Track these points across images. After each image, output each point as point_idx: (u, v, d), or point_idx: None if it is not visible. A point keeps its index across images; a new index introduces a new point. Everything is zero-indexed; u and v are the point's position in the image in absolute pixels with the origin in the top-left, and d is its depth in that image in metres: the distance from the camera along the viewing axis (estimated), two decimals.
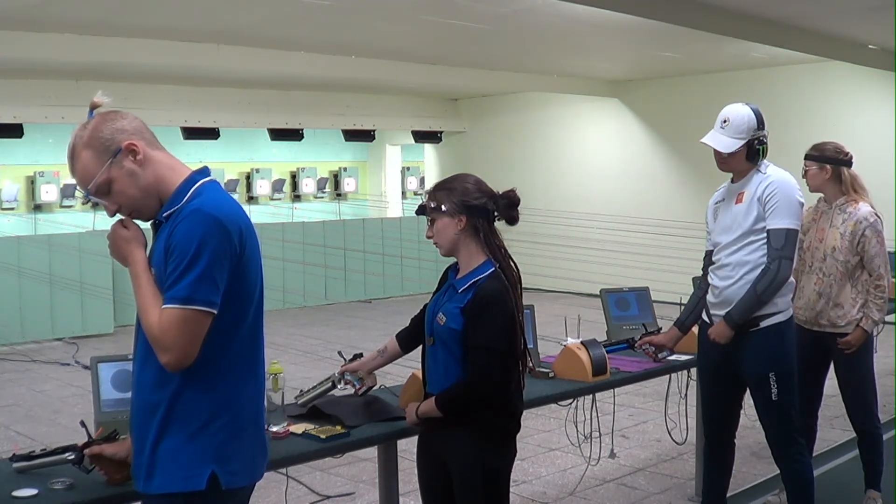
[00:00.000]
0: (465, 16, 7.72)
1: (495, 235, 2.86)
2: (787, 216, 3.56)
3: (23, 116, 10.67)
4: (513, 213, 2.86)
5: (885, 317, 4.36)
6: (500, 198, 2.85)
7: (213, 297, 2.07)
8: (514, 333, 2.77)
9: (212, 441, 2.14)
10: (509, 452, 2.90)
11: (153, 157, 2.18)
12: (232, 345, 2.16)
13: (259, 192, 13.62)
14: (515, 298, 2.80)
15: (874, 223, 4.18)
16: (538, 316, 4.27)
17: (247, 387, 2.21)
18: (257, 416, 2.26)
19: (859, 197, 4.25)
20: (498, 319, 2.74)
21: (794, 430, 3.78)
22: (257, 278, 2.22)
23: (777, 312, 3.64)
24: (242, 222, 2.15)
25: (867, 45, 9.54)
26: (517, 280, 2.85)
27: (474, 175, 2.92)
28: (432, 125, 14.62)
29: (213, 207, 2.10)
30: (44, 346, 9.93)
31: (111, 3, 7.17)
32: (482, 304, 2.74)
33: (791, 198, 3.59)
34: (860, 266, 4.20)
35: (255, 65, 9.50)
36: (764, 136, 3.66)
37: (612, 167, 13.03)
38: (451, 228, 2.82)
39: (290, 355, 8.70)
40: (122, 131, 2.17)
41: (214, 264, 2.05)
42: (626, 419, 6.38)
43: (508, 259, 2.86)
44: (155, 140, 2.25)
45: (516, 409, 2.90)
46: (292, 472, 3.75)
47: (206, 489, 2.12)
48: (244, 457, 2.20)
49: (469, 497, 2.85)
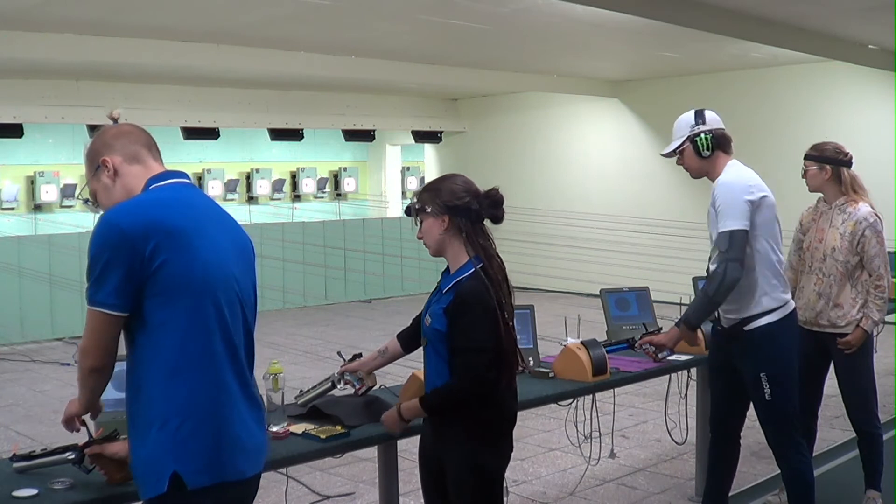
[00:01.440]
0: (465, 16, 7.72)
1: (481, 234, 2.87)
2: (730, 217, 3.56)
3: (23, 116, 10.66)
4: (496, 212, 2.87)
5: (885, 317, 4.35)
6: (484, 197, 2.86)
7: (109, 299, 2.14)
8: (497, 331, 2.76)
9: (172, 441, 2.15)
10: (502, 450, 2.90)
11: (126, 172, 2.31)
12: (180, 343, 2.17)
13: (259, 192, 13.62)
14: (501, 297, 2.80)
15: (874, 223, 4.18)
16: (538, 316, 4.27)
17: (203, 383, 2.19)
18: (218, 412, 2.20)
19: (859, 197, 4.24)
20: (479, 320, 2.75)
21: (792, 429, 3.78)
22: (206, 274, 2.20)
23: (765, 313, 3.67)
24: (161, 220, 2.18)
25: (867, 45, 9.54)
26: (502, 278, 2.85)
27: (463, 176, 2.93)
28: (432, 125, 14.61)
29: (117, 212, 2.19)
30: (44, 346, 9.94)
31: (111, 3, 7.17)
32: (463, 305, 2.76)
33: (734, 198, 3.58)
34: (860, 266, 4.20)
35: (255, 65, 9.50)
36: (705, 131, 3.72)
37: (612, 167, 13.03)
38: (436, 229, 2.85)
39: (290, 355, 8.70)
40: (106, 146, 2.32)
41: (108, 268, 2.13)
42: (626, 419, 6.38)
43: (493, 258, 2.86)
44: (142, 154, 2.33)
45: (508, 407, 2.89)
46: (292, 472, 3.75)
47: (167, 491, 2.13)
48: (207, 454, 2.17)
49: (462, 495, 2.86)
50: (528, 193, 13.89)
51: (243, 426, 2.26)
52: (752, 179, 3.69)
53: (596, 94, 12.77)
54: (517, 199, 13.73)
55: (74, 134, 11.66)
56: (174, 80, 11.31)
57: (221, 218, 2.38)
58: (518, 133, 14.27)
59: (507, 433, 2.91)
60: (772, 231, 3.68)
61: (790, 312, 3.74)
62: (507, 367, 2.84)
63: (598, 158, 13.31)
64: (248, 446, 2.28)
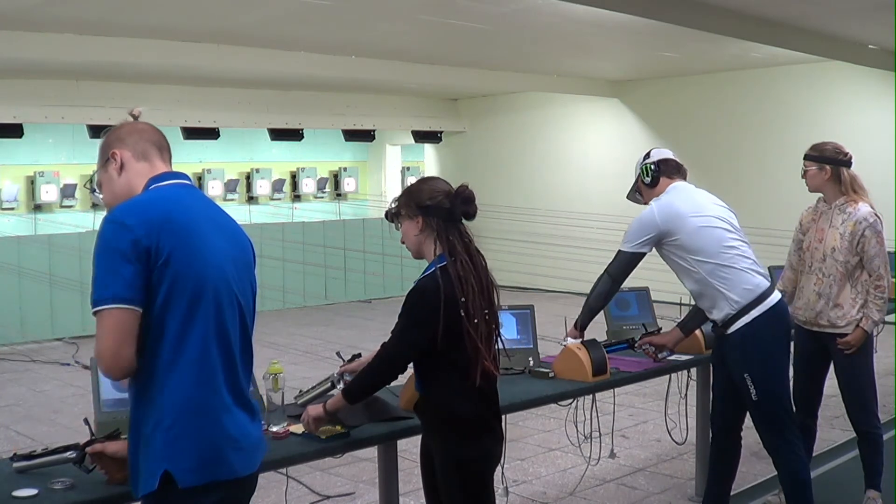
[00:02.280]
0: (465, 16, 7.72)
1: (454, 234, 2.90)
2: (625, 239, 3.91)
3: (23, 116, 10.65)
4: (468, 209, 2.91)
5: (884, 317, 4.35)
6: (455, 196, 2.91)
7: (123, 292, 2.11)
8: (432, 329, 2.79)
9: (164, 439, 2.16)
10: (479, 446, 2.90)
11: (131, 168, 2.35)
12: (176, 342, 2.17)
13: (259, 192, 13.61)
14: (461, 296, 2.81)
15: (874, 223, 4.18)
16: (538, 316, 4.28)
17: (197, 382, 2.19)
18: (210, 411, 2.21)
19: (859, 197, 4.24)
20: (412, 312, 2.84)
21: (783, 429, 3.79)
22: (205, 273, 2.22)
23: (740, 314, 3.72)
24: (165, 219, 2.19)
25: (867, 45, 9.54)
26: (468, 273, 2.85)
27: (439, 179, 3.01)
28: (432, 125, 14.61)
29: (120, 211, 2.20)
30: (44, 346, 9.93)
31: (111, 3, 7.17)
32: (406, 299, 2.89)
33: (636, 223, 3.91)
34: (860, 266, 4.20)
35: (255, 65, 9.49)
36: (649, 163, 4.02)
37: (612, 167, 13.00)
38: (412, 230, 2.94)
39: (290, 355, 8.70)
40: (119, 140, 2.37)
41: (117, 265, 2.12)
42: (626, 419, 6.38)
43: (458, 256, 2.87)
44: (151, 153, 2.36)
45: (473, 407, 2.88)
46: (292, 472, 3.74)
47: (158, 489, 2.14)
48: (198, 453, 2.18)
49: (447, 491, 2.91)
50: (528, 193, 13.89)
51: (237, 425, 2.26)
52: (672, 205, 3.86)
53: (596, 94, 12.77)
54: (517, 199, 13.79)
55: (74, 134, 11.65)
56: (174, 80, 11.31)
57: (220, 220, 2.38)
58: (518, 133, 14.27)
59: (484, 429, 2.91)
60: (707, 238, 3.77)
61: (770, 309, 3.73)
62: (466, 366, 2.83)
63: (598, 158, 13.30)
64: (242, 445, 2.27)
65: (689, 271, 3.81)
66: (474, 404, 2.88)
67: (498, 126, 14.53)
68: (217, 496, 2.22)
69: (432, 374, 2.91)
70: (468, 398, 2.86)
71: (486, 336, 2.90)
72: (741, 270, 3.74)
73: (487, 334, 2.91)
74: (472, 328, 2.83)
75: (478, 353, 2.84)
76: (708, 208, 3.86)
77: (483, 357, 2.85)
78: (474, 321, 2.84)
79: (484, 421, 2.92)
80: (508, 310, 4.17)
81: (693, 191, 3.96)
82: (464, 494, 2.88)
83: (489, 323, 2.92)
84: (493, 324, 2.95)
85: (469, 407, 2.87)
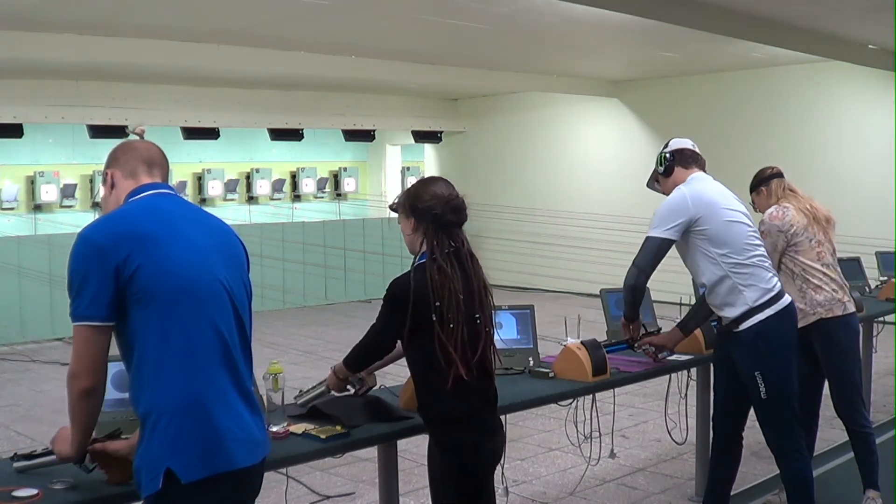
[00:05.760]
0: (465, 16, 7.72)
1: (441, 237, 2.96)
2: (652, 225, 3.80)
3: (23, 116, 10.66)
4: (455, 218, 3.00)
5: (830, 298, 4.34)
6: (445, 203, 2.98)
7: (88, 310, 2.23)
8: (393, 323, 2.93)
9: (163, 437, 2.20)
10: (466, 440, 2.94)
11: (120, 185, 2.46)
12: (160, 341, 2.23)
13: (259, 192, 13.61)
14: (437, 297, 2.86)
15: (765, 221, 4.32)
16: (538, 316, 4.27)
17: (187, 378, 2.23)
18: (205, 404, 2.23)
19: (783, 201, 4.39)
20: (385, 300, 3.00)
21: (790, 428, 3.79)
22: (185, 273, 2.26)
23: (753, 312, 3.70)
24: (132, 229, 2.27)
25: (867, 45, 9.54)
26: (447, 279, 2.89)
27: (443, 181, 3.08)
28: (432, 125, 14.62)
29: (91, 228, 2.30)
30: (44, 346, 9.94)
31: (111, 3, 7.17)
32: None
33: (664, 208, 3.80)
34: (781, 262, 4.31)
35: (255, 65, 9.50)
36: (665, 153, 3.93)
37: (612, 167, 13.02)
38: (406, 229, 3.06)
39: (290, 355, 8.70)
40: (114, 159, 2.49)
41: (85, 281, 2.24)
42: (626, 419, 6.38)
43: (448, 259, 2.93)
44: (139, 170, 2.45)
45: (451, 407, 2.92)
46: (292, 472, 3.75)
47: (163, 488, 2.17)
48: (197, 447, 2.21)
49: (444, 490, 2.97)
50: (528, 193, 13.89)
51: (234, 418, 2.28)
52: (704, 193, 3.79)
53: (596, 94, 12.77)
54: (517, 199, 13.79)
55: (74, 134, 11.66)
56: (174, 80, 11.31)
57: (202, 221, 2.45)
58: (518, 133, 14.27)
59: (471, 425, 2.95)
60: (734, 233, 3.74)
61: (783, 309, 3.74)
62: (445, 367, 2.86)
63: (598, 158, 13.31)
64: (241, 437, 2.29)
65: (709, 264, 3.74)
66: (454, 403, 2.92)
67: (498, 126, 14.54)
68: (221, 491, 2.24)
69: (416, 372, 3.01)
70: (447, 398, 2.90)
71: (472, 341, 2.92)
72: (762, 269, 3.74)
73: (474, 339, 2.93)
74: (447, 333, 2.86)
75: (450, 359, 2.87)
76: (733, 203, 3.85)
77: (456, 364, 2.87)
78: (450, 326, 2.87)
79: (469, 416, 2.95)
80: (508, 310, 4.17)
81: (717, 183, 3.93)
82: (456, 491, 2.93)
83: (480, 328, 2.95)
84: (487, 327, 2.99)
85: (449, 406, 2.92)
